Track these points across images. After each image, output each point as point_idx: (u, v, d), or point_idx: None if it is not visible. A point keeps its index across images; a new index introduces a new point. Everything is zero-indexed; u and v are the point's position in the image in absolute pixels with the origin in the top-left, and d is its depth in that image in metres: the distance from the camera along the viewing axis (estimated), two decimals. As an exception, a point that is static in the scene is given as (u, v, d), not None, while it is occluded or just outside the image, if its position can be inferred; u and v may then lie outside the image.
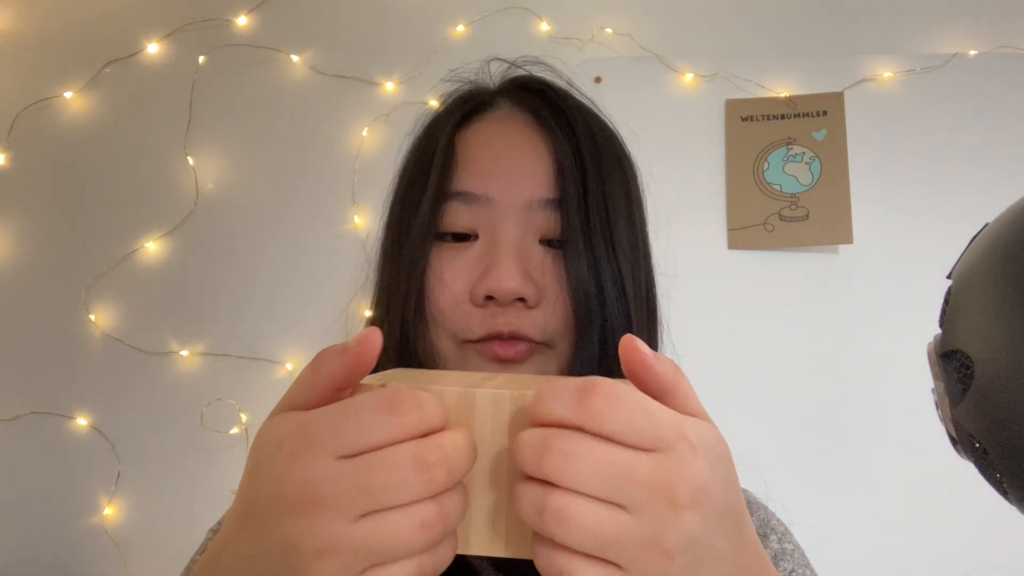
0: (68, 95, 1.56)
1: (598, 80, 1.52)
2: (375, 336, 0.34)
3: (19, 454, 1.48)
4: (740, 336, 1.44)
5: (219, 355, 1.50)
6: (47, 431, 1.48)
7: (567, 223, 0.56)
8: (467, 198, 0.57)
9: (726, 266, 1.47)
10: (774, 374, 1.44)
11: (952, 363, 0.43)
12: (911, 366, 0.94)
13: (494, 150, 0.58)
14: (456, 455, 0.32)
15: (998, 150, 1.44)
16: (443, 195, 0.57)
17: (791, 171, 1.48)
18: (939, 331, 0.46)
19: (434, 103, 0.66)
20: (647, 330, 0.60)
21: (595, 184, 0.57)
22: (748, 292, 1.46)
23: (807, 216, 1.46)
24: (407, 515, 0.31)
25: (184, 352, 1.50)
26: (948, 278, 0.46)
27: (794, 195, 1.47)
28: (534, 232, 0.56)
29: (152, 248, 1.53)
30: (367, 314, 0.66)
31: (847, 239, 1.43)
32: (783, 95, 1.50)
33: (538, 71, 0.66)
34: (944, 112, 1.47)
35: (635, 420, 0.32)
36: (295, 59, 1.57)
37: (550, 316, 0.55)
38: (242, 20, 1.57)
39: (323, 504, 0.31)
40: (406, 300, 0.57)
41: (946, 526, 1.36)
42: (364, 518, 0.31)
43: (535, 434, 0.32)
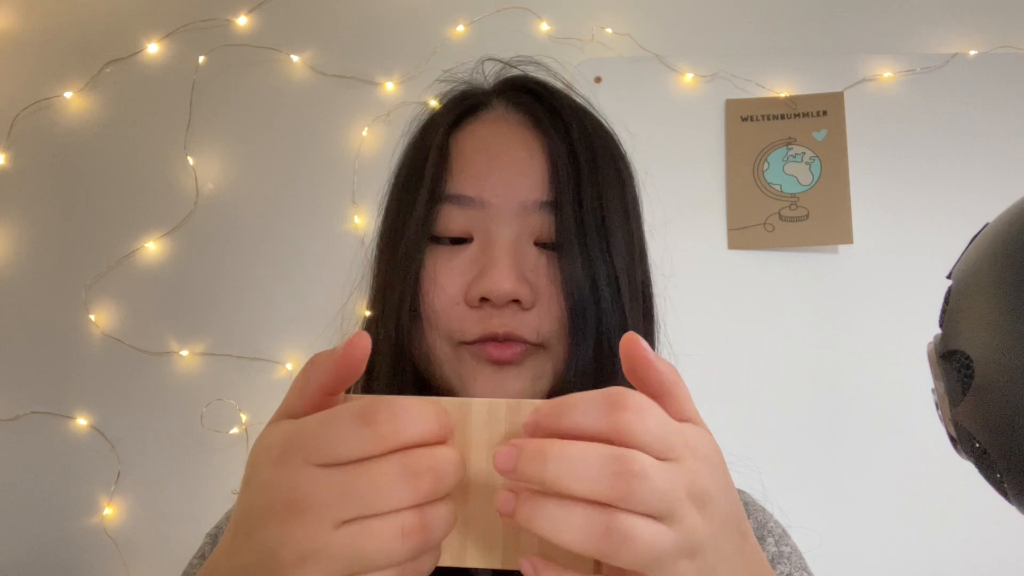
0: (68, 95, 1.56)
1: (598, 80, 1.52)
2: (362, 340, 0.34)
3: (19, 454, 1.48)
4: (740, 336, 1.44)
5: (219, 355, 1.50)
6: (47, 431, 1.48)
7: (561, 225, 0.55)
8: (462, 201, 0.56)
9: (726, 266, 1.47)
10: (773, 374, 1.44)
11: (952, 363, 0.43)
12: (911, 366, 0.94)
13: (489, 152, 0.58)
14: (444, 466, 0.32)
15: (998, 150, 1.44)
16: (437, 198, 0.57)
17: (791, 171, 1.48)
18: (939, 331, 0.46)
19: (434, 103, 0.66)
20: (643, 330, 0.60)
21: (590, 185, 0.57)
22: (748, 292, 1.46)
23: (807, 216, 1.46)
24: (388, 523, 0.30)
25: (184, 352, 1.50)
26: (948, 278, 0.46)
27: (794, 195, 1.47)
28: (529, 234, 0.56)
29: (152, 248, 1.53)
30: (367, 314, 0.66)
31: (847, 239, 1.43)
32: (783, 95, 1.50)
33: (532, 71, 0.66)
34: (944, 112, 1.47)
35: (659, 431, 0.32)
36: (295, 59, 1.57)
37: (545, 318, 0.55)
38: (242, 20, 1.57)
39: (305, 510, 0.31)
40: (401, 302, 0.57)
41: (946, 527, 1.36)
42: (346, 525, 0.31)
43: (598, 454, 0.30)
